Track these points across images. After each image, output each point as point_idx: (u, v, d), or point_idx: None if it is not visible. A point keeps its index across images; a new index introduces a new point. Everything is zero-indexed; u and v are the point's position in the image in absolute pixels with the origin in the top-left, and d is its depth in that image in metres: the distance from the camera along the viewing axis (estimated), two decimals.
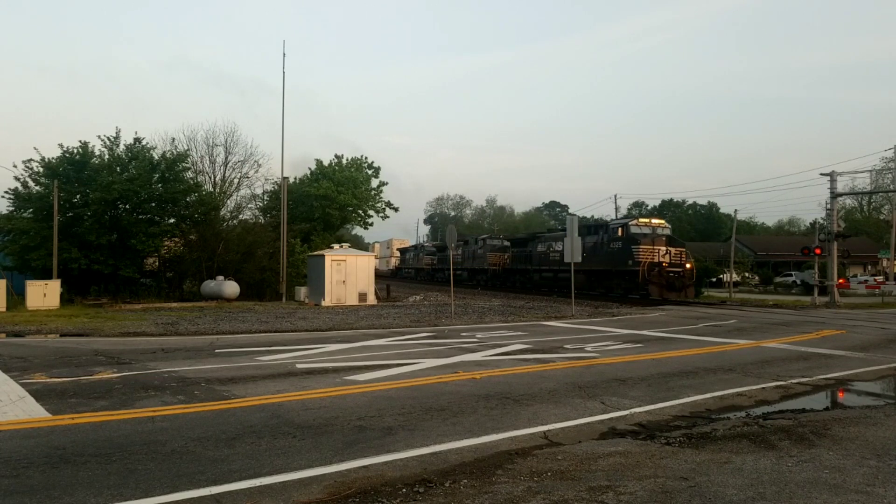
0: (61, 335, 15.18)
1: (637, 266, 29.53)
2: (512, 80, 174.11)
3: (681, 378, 9.30)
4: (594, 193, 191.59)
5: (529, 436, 6.11)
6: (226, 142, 38.12)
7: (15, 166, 30.53)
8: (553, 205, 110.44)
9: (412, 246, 76.93)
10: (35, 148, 34.90)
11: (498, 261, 44.64)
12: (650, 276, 29.10)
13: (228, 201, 38.02)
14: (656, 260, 29.71)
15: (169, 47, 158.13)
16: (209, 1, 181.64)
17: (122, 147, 31.72)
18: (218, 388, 8.37)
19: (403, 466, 5.14)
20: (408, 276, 67.56)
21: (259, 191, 40.28)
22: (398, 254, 77.47)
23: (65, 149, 30.56)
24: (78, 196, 30.08)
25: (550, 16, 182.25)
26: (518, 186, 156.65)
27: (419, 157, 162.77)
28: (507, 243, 46.67)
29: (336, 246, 30.07)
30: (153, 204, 31.29)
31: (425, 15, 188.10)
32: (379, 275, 71.76)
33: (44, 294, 23.63)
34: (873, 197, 65.44)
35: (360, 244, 64.39)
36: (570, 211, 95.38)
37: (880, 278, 44.67)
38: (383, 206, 44.73)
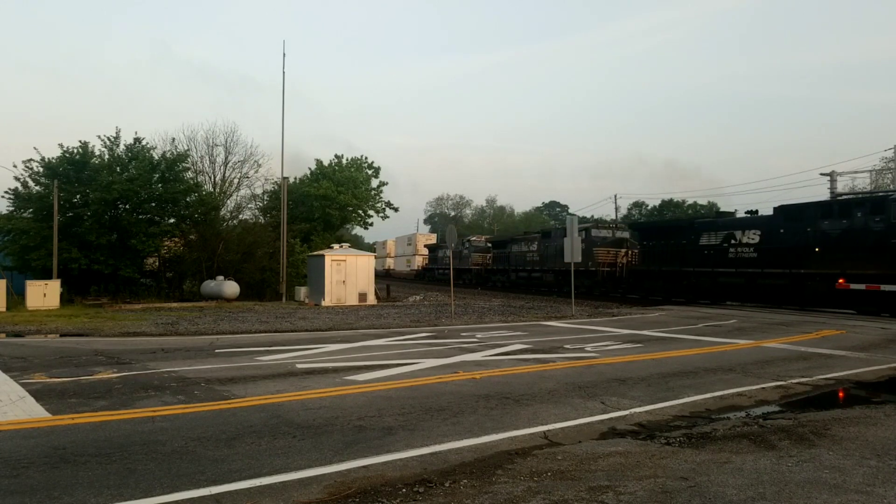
0: (61, 335, 15.18)
1: None
2: (512, 81, 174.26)
3: (681, 378, 9.30)
4: (594, 193, 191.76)
5: (529, 436, 6.11)
6: (226, 142, 38.19)
7: (15, 166, 30.62)
8: (553, 205, 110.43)
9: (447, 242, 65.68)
10: (35, 148, 34.97)
11: (610, 259, 32.91)
12: None
13: (228, 201, 38.10)
14: None
15: (154, 42, 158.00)
16: None
17: (122, 147, 31.81)
18: (218, 388, 8.37)
19: (403, 466, 5.14)
20: (442, 278, 52.47)
21: (259, 191, 40.34)
22: (426, 251, 63.60)
23: (65, 149, 30.65)
24: (78, 196, 30.12)
25: (551, 16, 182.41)
26: (518, 186, 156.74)
27: (419, 156, 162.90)
28: (624, 234, 34.50)
29: (336, 246, 30.08)
30: (153, 204, 31.33)
31: (424, 15, 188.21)
32: (398, 276, 65.59)
33: (44, 294, 23.65)
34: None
35: (360, 244, 59.87)
36: (570, 211, 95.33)
37: None
38: (383, 206, 44.74)
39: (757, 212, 26.19)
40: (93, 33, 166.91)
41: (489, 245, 49.34)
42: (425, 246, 65.10)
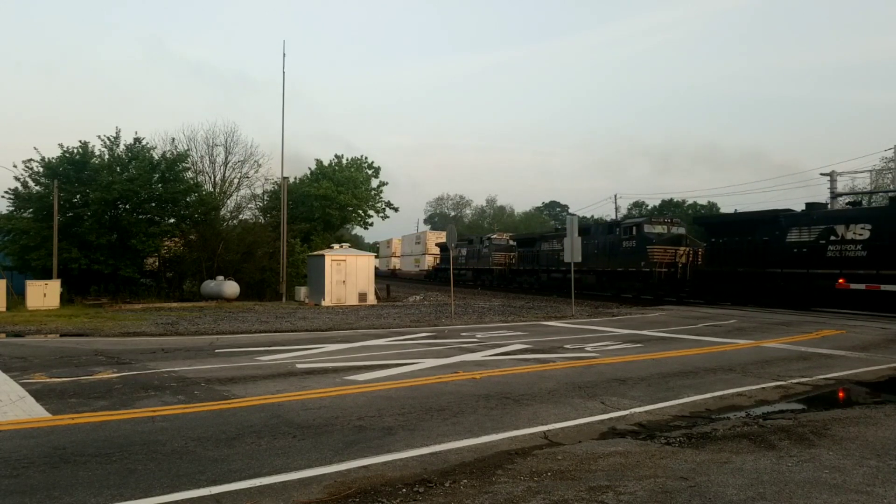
0: (61, 335, 15.18)
1: None
2: (512, 81, 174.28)
3: (681, 378, 9.30)
4: (594, 193, 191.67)
5: (529, 436, 6.11)
6: (226, 142, 38.25)
7: (15, 166, 30.65)
8: (553, 205, 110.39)
9: (465, 239, 55.93)
10: (35, 148, 35.00)
11: (667, 258, 28.59)
12: None
13: (228, 201, 38.13)
14: None
15: (150, 40, 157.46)
16: None
17: (122, 147, 31.84)
18: (218, 388, 8.38)
19: (403, 466, 5.14)
20: (457, 279, 45.32)
21: (259, 191, 40.37)
22: (437, 250, 58.34)
23: (65, 149, 30.69)
24: (78, 196, 30.15)
25: (552, 16, 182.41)
26: (518, 186, 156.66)
27: (419, 156, 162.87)
28: (681, 229, 30.26)
29: (336, 246, 30.10)
30: (153, 204, 31.35)
31: (424, 14, 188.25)
32: (406, 277, 61.79)
33: (44, 294, 23.66)
34: (873, 197, 65.48)
35: (360, 244, 58.83)
36: (570, 211, 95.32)
37: None
38: (383, 206, 44.76)
39: (861, 203, 23.15)
40: (87, 31, 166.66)
41: (513, 243, 44.83)
42: (437, 244, 58.99)
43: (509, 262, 43.72)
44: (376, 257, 39.74)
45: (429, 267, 59.82)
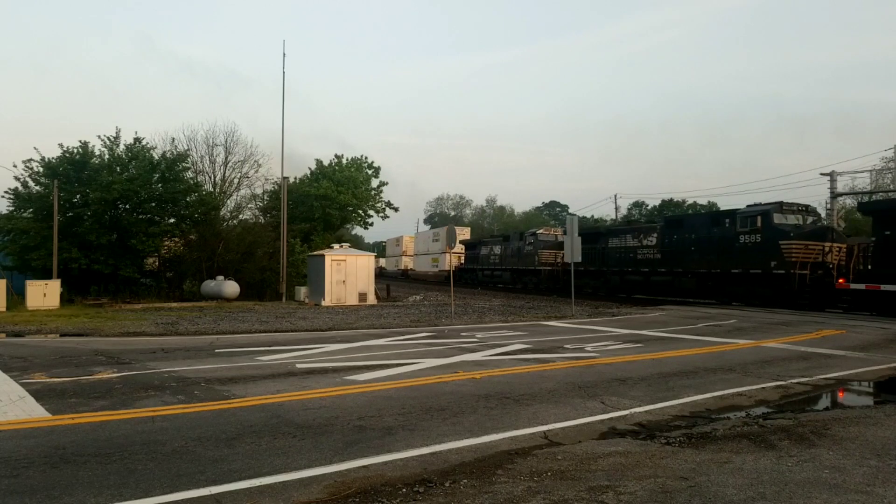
0: (61, 335, 15.18)
1: None
2: (512, 81, 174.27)
3: (681, 378, 9.30)
4: (594, 193, 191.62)
5: (529, 436, 6.11)
6: (226, 142, 38.29)
7: (15, 166, 30.66)
8: (553, 204, 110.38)
9: (498, 236, 50.24)
10: (35, 148, 35.02)
11: (811, 256, 22.44)
12: None
13: (228, 201, 38.15)
14: None
15: (140, 37, 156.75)
16: None
17: (122, 147, 31.83)
18: (218, 388, 8.38)
19: (403, 466, 5.14)
20: (487, 280, 45.34)
21: (259, 191, 40.39)
22: (460, 248, 51.00)
23: (65, 149, 30.70)
24: (78, 196, 30.16)
25: (552, 15, 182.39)
26: (518, 186, 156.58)
27: (419, 156, 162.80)
28: (818, 220, 25.56)
29: (336, 246, 30.12)
30: (153, 204, 31.36)
31: (423, 14, 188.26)
32: (421, 279, 56.30)
33: (44, 294, 23.66)
34: (873, 197, 65.45)
35: (360, 244, 57.49)
36: (570, 211, 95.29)
37: None
38: (383, 206, 44.81)
39: None
40: (75, 29, 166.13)
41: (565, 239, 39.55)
42: (460, 242, 51.40)
43: (562, 260, 36.07)
44: (379, 257, 38.29)
45: (449, 267, 54.04)
